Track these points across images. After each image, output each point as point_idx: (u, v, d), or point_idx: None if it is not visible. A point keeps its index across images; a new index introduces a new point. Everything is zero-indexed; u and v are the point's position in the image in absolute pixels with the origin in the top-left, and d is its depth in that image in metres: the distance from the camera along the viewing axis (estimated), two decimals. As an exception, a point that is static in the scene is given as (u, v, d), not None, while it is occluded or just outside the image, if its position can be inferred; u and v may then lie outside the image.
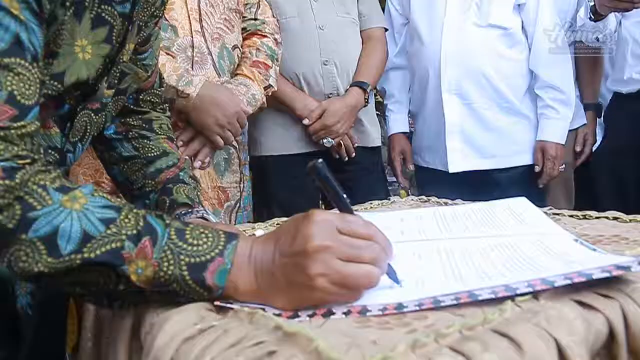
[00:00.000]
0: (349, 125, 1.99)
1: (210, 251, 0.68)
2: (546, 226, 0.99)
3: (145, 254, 0.66)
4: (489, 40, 2.08)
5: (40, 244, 0.64)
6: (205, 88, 1.54)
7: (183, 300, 0.69)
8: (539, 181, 2.15)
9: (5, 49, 0.67)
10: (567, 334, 0.57)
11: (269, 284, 0.68)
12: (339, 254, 0.66)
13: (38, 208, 0.65)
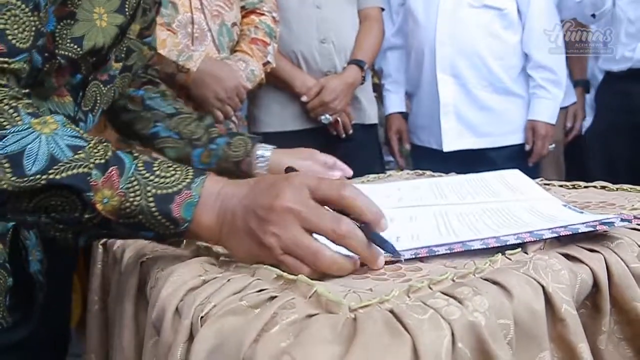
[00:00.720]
0: (346, 102, 2.02)
1: (178, 184, 0.67)
2: (537, 193, 1.02)
3: (111, 184, 0.65)
4: (483, 21, 2.11)
5: (6, 162, 0.62)
6: (205, 63, 1.57)
7: (148, 235, 0.69)
8: (529, 160, 2.18)
9: None
10: (554, 281, 0.61)
11: (229, 224, 0.67)
12: (303, 222, 0.63)
13: (7, 127, 0.63)
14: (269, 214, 0.63)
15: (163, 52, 1.52)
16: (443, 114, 2.16)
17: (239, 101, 1.65)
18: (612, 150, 2.28)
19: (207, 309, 0.58)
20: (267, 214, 0.63)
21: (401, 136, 2.38)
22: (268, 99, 2.03)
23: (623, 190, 1.07)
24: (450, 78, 2.14)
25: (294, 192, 0.64)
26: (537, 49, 2.15)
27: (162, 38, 1.51)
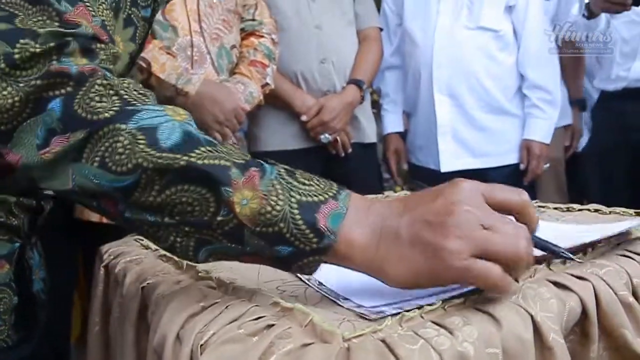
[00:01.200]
0: (345, 122, 2.04)
1: (324, 193, 0.60)
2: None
3: (253, 184, 0.58)
4: (479, 43, 2.14)
5: (140, 135, 0.58)
6: (203, 86, 1.59)
7: (284, 251, 0.60)
8: (524, 179, 2.20)
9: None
10: (543, 310, 0.62)
11: (389, 245, 0.59)
12: (487, 220, 0.57)
13: (139, 105, 0.61)
14: (448, 218, 0.56)
15: (162, 75, 1.54)
16: (440, 134, 2.18)
17: (237, 123, 1.67)
18: (609, 168, 2.30)
19: (206, 336, 0.60)
20: (444, 218, 0.56)
21: (399, 156, 2.40)
22: (268, 118, 2.06)
23: (616, 214, 1.09)
24: (447, 99, 2.17)
25: (469, 196, 0.58)
26: (532, 69, 2.17)
27: (161, 62, 1.54)
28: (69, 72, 0.60)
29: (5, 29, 0.61)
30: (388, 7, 2.39)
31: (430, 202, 0.58)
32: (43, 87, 0.60)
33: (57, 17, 0.64)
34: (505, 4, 2.15)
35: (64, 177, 0.61)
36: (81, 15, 0.66)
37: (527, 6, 2.16)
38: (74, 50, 0.62)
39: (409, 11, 2.28)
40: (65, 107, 0.60)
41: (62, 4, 0.65)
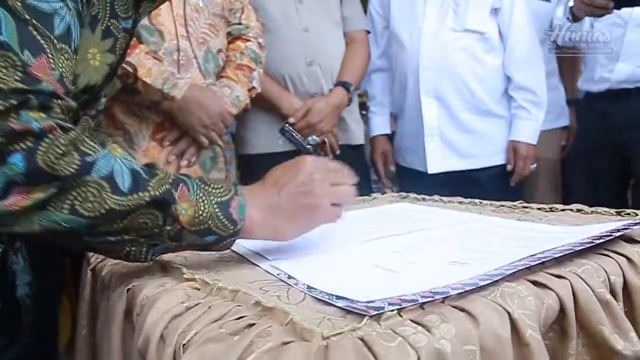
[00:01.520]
0: (332, 124, 2.05)
1: (228, 193, 0.83)
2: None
3: (185, 197, 0.78)
4: (466, 45, 2.14)
5: (105, 183, 0.71)
6: (190, 90, 1.60)
7: (211, 239, 0.82)
8: (511, 180, 2.20)
9: (60, 35, 0.75)
10: (520, 308, 0.64)
11: (277, 214, 0.86)
12: (331, 180, 0.90)
13: (93, 154, 0.72)
14: (313, 186, 0.87)
15: (148, 80, 1.54)
16: (427, 136, 2.18)
17: (223, 127, 1.67)
18: (592, 168, 2.32)
19: (189, 336, 0.61)
20: (311, 186, 0.87)
21: (386, 158, 2.40)
22: (256, 121, 2.06)
23: (598, 214, 1.10)
24: (434, 101, 2.17)
25: (315, 166, 0.89)
26: (517, 71, 2.18)
27: (147, 66, 1.54)
28: (31, 129, 0.67)
29: None
30: (375, 10, 2.39)
31: (294, 178, 0.87)
32: (5, 143, 0.66)
33: (21, 67, 0.69)
34: (491, 6, 2.16)
35: (28, 223, 0.70)
36: (42, 69, 0.71)
37: (512, 8, 2.17)
38: (33, 106, 0.68)
39: (395, 14, 2.29)
40: (28, 162, 0.67)
41: (25, 54, 0.70)
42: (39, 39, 0.73)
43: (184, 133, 1.65)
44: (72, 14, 0.78)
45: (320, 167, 0.90)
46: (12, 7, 0.71)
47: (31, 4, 0.73)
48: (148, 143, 1.63)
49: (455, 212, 1.22)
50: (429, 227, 1.06)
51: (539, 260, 0.72)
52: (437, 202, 1.42)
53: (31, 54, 0.71)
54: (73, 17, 0.78)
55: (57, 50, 0.75)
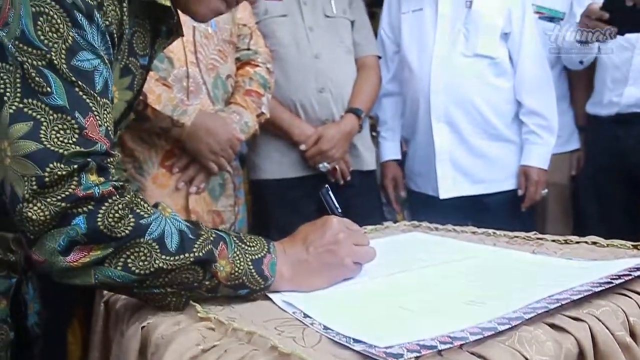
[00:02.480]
0: (344, 151, 2.05)
1: (262, 250, 0.91)
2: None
3: (224, 255, 0.87)
4: (476, 70, 2.14)
5: (155, 244, 0.80)
6: (199, 117, 1.60)
7: (242, 292, 0.89)
8: (522, 205, 2.18)
9: (100, 90, 0.80)
10: (538, 353, 0.63)
11: (304, 271, 0.94)
12: (353, 240, 0.98)
13: (146, 216, 0.80)
14: (338, 246, 0.96)
15: (158, 107, 1.55)
16: (438, 161, 2.18)
17: (232, 153, 1.68)
18: (604, 194, 2.31)
19: (205, 382, 0.61)
20: (336, 246, 0.96)
21: (397, 183, 2.40)
22: (267, 147, 2.06)
23: (614, 247, 1.10)
24: (445, 126, 2.17)
25: (340, 227, 0.97)
26: (528, 96, 2.17)
27: (157, 93, 1.55)
28: (92, 196, 0.76)
29: (35, 149, 0.74)
30: (385, 35, 2.39)
31: (321, 237, 0.96)
32: (69, 207, 0.75)
33: (78, 130, 0.76)
34: (501, 31, 2.16)
35: (86, 277, 0.79)
36: (92, 128, 0.78)
37: (522, 33, 2.17)
38: (92, 169, 0.77)
39: (405, 39, 2.29)
40: (90, 224, 0.76)
41: (76, 115, 0.76)
42: (85, 98, 0.78)
43: (193, 160, 1.65)
44: (107, 66, 0.82)
45: (345, 228, 0.98)
46: (59, 70, 0.77)
47: (75, 65, 0.78)
48: (157, 170, 1.64)
49: (469, 245, 1.21)
50: (444, 261, 1.06)
51: (558, 303, 0.71)
52: (450, 231, 1.41)
53: (81, 114, 0.77)
54: (108, 69, 0.83)
55: (101, 106, 0.80)
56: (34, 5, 0.76)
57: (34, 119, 0.75)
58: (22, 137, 0.75)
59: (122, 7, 0.87)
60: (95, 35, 0.81)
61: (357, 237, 1.00)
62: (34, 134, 0.75)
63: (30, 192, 0.74)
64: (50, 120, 0.75)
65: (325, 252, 0.95)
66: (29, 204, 0.74)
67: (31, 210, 0.74)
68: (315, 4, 2.12)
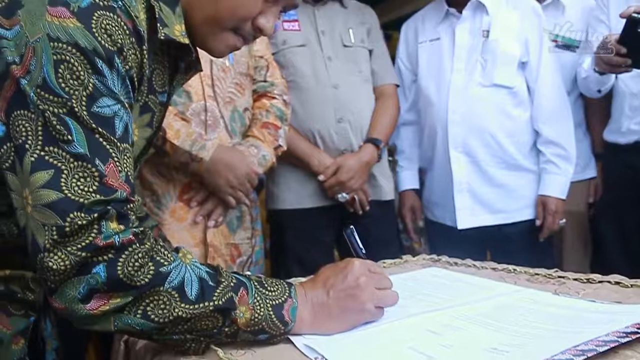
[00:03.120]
0: (362, 181, 2.06)
1: (283, 295, 0.91)
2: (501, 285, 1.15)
3: (244, 301, 0.87)
4: (494, 100, 2.14)
5: (175, 293, 0.81)
6: (217, 151, 1.62)
7: (262, 337, 0.89)
8: (540, 235, 2.17)
9: (121, 136, 0.81)
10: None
11: (325, 314, 0.93)
12: (375, 284, 0.96)
13: (166, 264, 0.82)
14: (358, 291, 0.94)
15: (177, 142, 1.56)
16: (457, 191, 2.17)
17: (250, 187, 1.69)
18: (624, 223, 2.28)
19: None
20: (357, 291, 0.94)
21: (415, 213, 2.40)
22: (286, 177, 2.07)
23: (637, 287, 1.08)
24: (463, 156, 2.17)
25: (361, 270, 0.96)
26: (546, 125, 2.17)
27: (175, 128, 1.57)
28: (113, 244, 0.77)
29: (56, 199, 0.76)
30: (402, 64, 2.40)
31: (343, 281, 0.95)
32: (90, 256, 0.76)
33: (98, 178, 0.78)
34: (518, 60, 2.16)
35: (106, 324, 0.80)
36: (112, 175, 0.79)
37: (539, 62, 2.17)
38: (112, 216, 0.78)
39: (423, 69, 2.30)
40: (109, 273, 0.77)
41: (96, 162, 0.78)
42: (105, 145, 0.79)
43: (211, 193, 1.66)
44: (127, 111, 0.83)
45: (367, 271, 0.97)
46: (80, 117, 0.78)
47: (95, 112, 0.79)
48: (175, 204, 1.65)
49: (490, 283, 1.21)
50: (465, 302, 1.05)
51: (584, 355, 0.70)
52: (469, 267, 1.40)
53: (101, 162, 0.78)
54: (128, 113, 0.84)
55: (121, 151, 0.81)
56: (55, 52, 0.77)
57: (54, 167, 0.76)
58: (43, 185, 0.76)
59: (142, 51, 0.88)
60: (115, 80, 0.82)
61: (380, 280, 0.98)
62: (54, 183, 0.76)
63: (51, 242, 0.75)
64: (71, 168, 0.76)
65: (346, 297, 0.94)
66: (50, 254, 0.76)
67: (52, 260, 0.76)
68: (333, 34, 2.14)
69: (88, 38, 0.78)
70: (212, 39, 1.00)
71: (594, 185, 2.55)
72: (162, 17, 0.93)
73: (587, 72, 2.22)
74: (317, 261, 2.07)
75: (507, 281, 1.22)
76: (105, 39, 0.80)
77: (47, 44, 0.77)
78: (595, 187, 2.54)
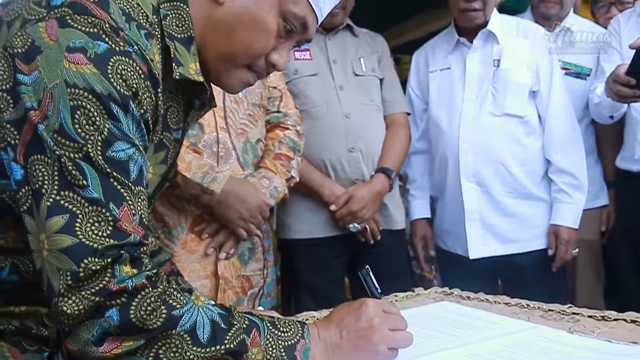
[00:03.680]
0: (374, 211, 2.05)
1: (295, 335, 0.92)
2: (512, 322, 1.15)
3: (256, 343, 0.87)
4: (505, 129, 2.14)
5: (187, 336, 0.82)
6: (229, 184, 1.62)
7: None
8: (553, 265, 2.16)
9: (135, 179, 0.83)
10: None
11: (338, 355, 0.94)
12: (389, 325, 0.96)
13: (179, 307, 0.82)
14: (372, 332, 0.94)
15: (188, 174, 1.56)
16: (468, 220, 2.17)
17: (262, 219, 1.69)
18: (638, 251, 2.26)
19: None
20: (370, 332, 0.94)
21: (426, 242, 2.38)
22: (297, 206, 2.07)
23: (656, 326, 1.07)
24: (474, 185, 2.16)
25: (375, 311, 0.96)
26: (557, 154, 2.17)
27: (187, 160, 1.57)
28: (126, 289, 0.78)
29: (71, 244, 0.77)
30: (413, 93, 2.41)
31: (356, 322, 0.95)
32: (103, 300, 0.77)
33: (112, 222, 0.79)
34: (529, 89, 2.16)
35: None
36: (126, 219, 0.80)
37: (550, 91, 2.17)
38: (125, 260, 0.79)
39: (433, 98, 2.30)
40: (122, 316, 0.78)
41: (110, 207, 0.79)
42: (119, 188, 0.80)
43: (223, 225, 1.66)
44: (142, 154, 0.84)
45: (381, 312, 0.97)
46: (95, 162, 0.79)
47: (110, 156, 0.80)
48: (187, 235, 1.65)
49: (503, 319, 1.20)
50: (478, 340, 1.05)
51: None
52: (482, 302, 1.39)
53: (115, 206, 0.79)
54: (143, 156, 0.85)
55: (135, 194, 0.82)
56: (72, 98, 0.78)
57: (70, 212, 0.78)
58: (59, 230, 0.77)
59: (157, 94, 0.89)
60: (130, 125, 0.83)
61: (394, 321, 0.98)
62: (69, 228, 0.77)
63: (66, 287, 0.77)
64: (85, 213, 0.78)
65: (359, 338, 0.94)
66: (64, 298, 0.77)
67: (66, 304, 0.77)
68: (345, 63, 2.16)
69: (104, 84, 0.79)
70: (226, 76, 1.01)
71: (607, 213, 2.53)
72: (177, 56, 0.95)
73: (599, 98, 2.21)
74: (329, 291, 2.09)
75: (520, 317, 1.21)
76: (120, 84, 0.81)
77: (64, 89, 0.78)
78: (607, 215, 2.53)
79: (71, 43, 0.79)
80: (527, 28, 2.24)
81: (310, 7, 1.00)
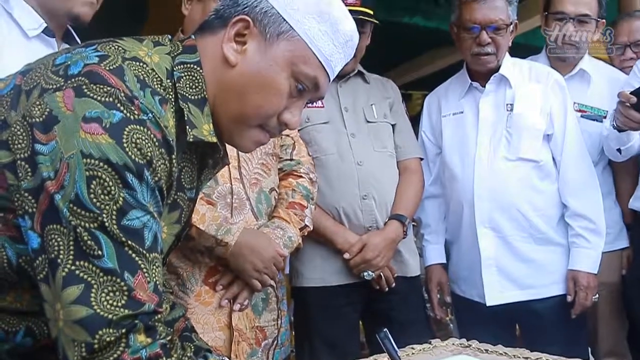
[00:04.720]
0: (388, 259, 2.04)
1: None
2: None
3: None
4: (520, 174, 2.13)
5: None
6: (243, 235, 1.62)
7: None
8: (573, 311, 2.12)
9: (150, 246, 0.83)
10: None
11: None
12: None
13: None
14: None
15: (202, 226, 1.56)
16: (484, 267, 2.14)
17: (276, 270, 1.68)
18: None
19: None
20: None
21: (442, 288, 2.34)
22: (311, 254, 2.06)
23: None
24: (490, 231, 2.14)
25: None
26: (573, 198, 2.14)
27: (201, 213, 1.57)
28: (140, 359, 0.79)
29: (86, 315, 0.78)
30: (426, 137, 2.39)
31: None
32: None
33: (127, 292, 0.80)
34: (543, 133, 2.15)
35: None
36: (141, 287, 0.81)
37: (565, 134, 2.16)
38: (139, 329, 0.79)
39: (447, 142, 2.29)
40: None
41: (125, 276, 0.80)
42: (134, 257, 0.82)
43: (237, 276, 1.65)
44: (156, 220, 0.86)
45: None
46: (110, 231, 0.80)
47: (125, 225, 0.81)
48: (200, 287, 1.64)
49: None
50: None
51: None
52: (501, 355, 1.37)
53: (130, 275, 0.81)
54: (157, 222, 0.86)
55: (150, 262, 0.83)
56: (87, 168, 0.80)
57: (85, 282, 0.79)
58: (74, 301, 0.78)
59: (171, 160, 0.90)
60: (145, 192, 0.84)
61: None
62: (84, 298, 0.78)
63: (80, 358, 0.78)
64: (100, 283, 0.79)
65: None
66: None
67: None
68: (356, 110, 2.16)
69: (119, 153, 0.81)
70: (239, 136, 1.02)
71: (627, 256, 2.48)
72: (191, 118, 0.96)
73: (607, 130, 2.21)
74: (343, 338, 2.06)
75: (540, 374, 1.19)
76: (135, 152, 0.82)
77: (80, 160, 0.79)
78: (628, 258, 2.48)
79: (87, 113, 0.81)
80: (540, 72, 2.24)
81: (322, 66, 1.01)
